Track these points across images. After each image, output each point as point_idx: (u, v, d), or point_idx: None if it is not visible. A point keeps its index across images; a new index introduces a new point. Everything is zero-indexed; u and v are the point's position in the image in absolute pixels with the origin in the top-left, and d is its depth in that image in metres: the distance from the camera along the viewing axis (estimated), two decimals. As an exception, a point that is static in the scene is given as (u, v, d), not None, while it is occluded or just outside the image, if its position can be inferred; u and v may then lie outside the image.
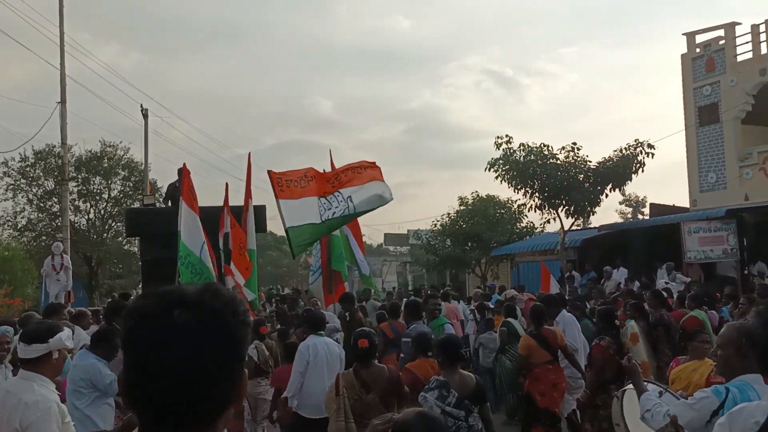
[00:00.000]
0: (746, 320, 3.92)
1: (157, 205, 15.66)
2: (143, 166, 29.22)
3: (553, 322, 7.98)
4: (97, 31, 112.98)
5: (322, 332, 6.54)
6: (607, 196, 19.41)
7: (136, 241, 21.36)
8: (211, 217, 11.07)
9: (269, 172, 9.42)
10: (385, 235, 50.42)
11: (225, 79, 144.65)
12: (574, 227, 21.49)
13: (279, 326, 10.26)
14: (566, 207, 19.75)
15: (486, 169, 19.93)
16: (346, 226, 11.11)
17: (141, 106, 27.00)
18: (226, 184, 11.22)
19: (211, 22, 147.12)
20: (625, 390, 4.23)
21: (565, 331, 7.87)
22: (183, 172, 10.92)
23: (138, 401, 1.24)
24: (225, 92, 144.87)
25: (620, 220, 38.38)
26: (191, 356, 1.21)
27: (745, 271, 16.61)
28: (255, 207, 12.62)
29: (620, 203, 52.17)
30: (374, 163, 10.35)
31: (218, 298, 1.27)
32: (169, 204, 13.79)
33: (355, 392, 5.04)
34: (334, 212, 9.61)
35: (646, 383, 3.92)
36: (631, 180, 19.37)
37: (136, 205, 28.06)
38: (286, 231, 9.29)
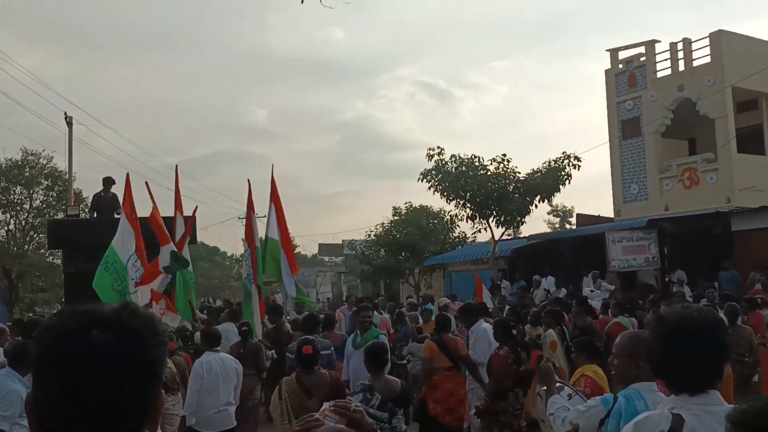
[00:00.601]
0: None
1: (82, 216, 15.15)
2: (67, 175, 28.19)
3: (467, 332, 8.08)
4: (22, 37, 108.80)
5: (218, 348, 6.78)
6: (536, 206, 19.98)
7: (59, 253, 20.55)
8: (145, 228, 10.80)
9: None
10: (320, 245, 50.25)
11: (156, 87, 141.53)
12: (504, 237, 21.94)
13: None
14: (497, 217, 20.20)
15: (419, 179, 20.20)
16: (281, 245, 11.17)
17: (65, 113, 26.08)
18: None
19: (142, 30, 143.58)
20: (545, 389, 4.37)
21: (475, 341, 7.84)
22: (126, 183, 10.73)
23: (48, 423, 1.20)
24: (156, 101, 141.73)
25: (548, 230, 39.41)
26: (109, 377, 1.18)
27: (666, 279, 17.32)
28: (185, 218, 12.38)
29: (548, 213, 53.63)
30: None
31: (137, 318, 1.25)
32: (95, 215, 13.36)
33: (297, 397, 5.18)
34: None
35: (560, 385, 4.07)
36: (559, 191, 20.01)
37: (60, 215, 27.04)
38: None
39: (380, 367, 5.18)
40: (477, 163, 19.97)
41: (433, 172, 19.90)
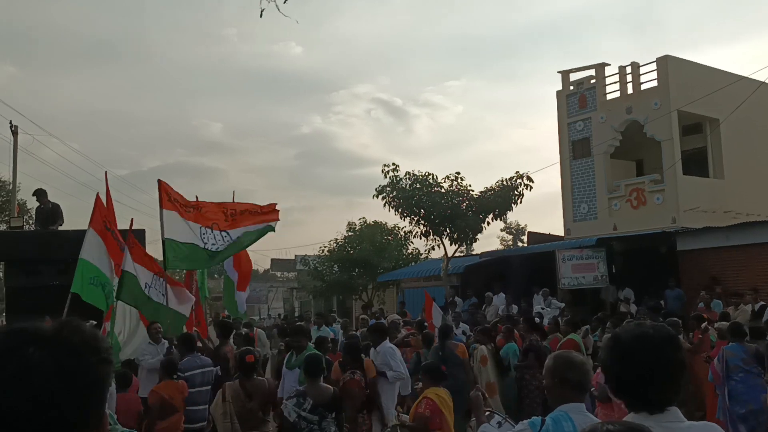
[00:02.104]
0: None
1: (26, 227, 14.64)
2: (11, 186, 27.30)
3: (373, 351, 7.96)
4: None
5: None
6: (488, 224, 20.18)
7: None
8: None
9: (159, 181, 9.38)
10: (272, 260, 49.71)
11: (104, 98, 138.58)
12: (457, 254, 22.10)
13: None
14: (450, 234, 20.34)
15: (374, 196, 20.24)
16: (233, 267, 11.23)
17: (10, 122, 25.33)
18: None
19: (90, 39, 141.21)
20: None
21: (387, 358, 7.69)
22: (95, 200, 10.34)
23: None
24: (104, 112, 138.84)
25: (501, 247, 39.97)
26: (46, 399, 1.09)
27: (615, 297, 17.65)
28: (134, 231, 12.11)
29: (501, 230, 54.38)
30: (275, 206, 10.43)
31: (77, 335, 1.17)
32: (37, 228, 12.96)
33: (240, 399, 5.89)
34: (218, 246, 9.73)
35: (489, 413, 4.11)
36: (511, 210, 20.28)
37: (2, 227, 26.17)
38: (164, 241, 9.12)
39: (315, 375, 5.74)
40: (431, 180, 20.11)
41: (388, 188, 19.96)
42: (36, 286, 11.17)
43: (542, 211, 73.45)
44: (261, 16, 6.10)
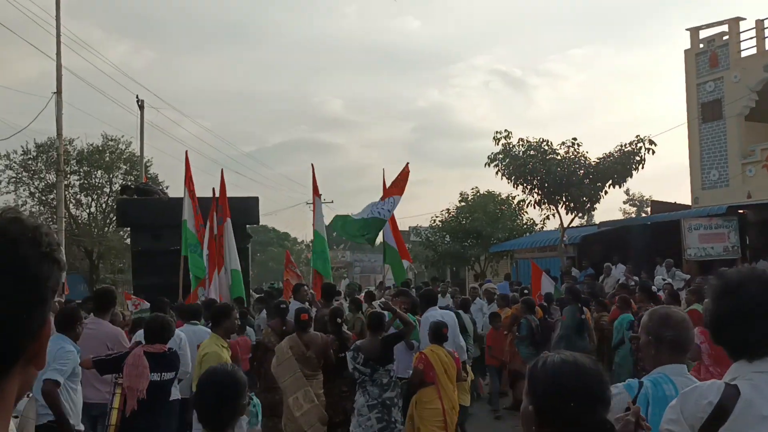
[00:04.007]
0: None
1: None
2: (141, 157, 29.18)
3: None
4: (112, 29, 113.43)
5: (196, 321, 7.50)
6: (606, 192, 19.22)
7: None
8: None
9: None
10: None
11: (233, 77, 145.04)
12: (574, 224, 21.31)
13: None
14: (566, 203, 19.57)
15: (486, 164, 19.79)
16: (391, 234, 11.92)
17: (137, 96, 26.95)
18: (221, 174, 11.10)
19: (218, 21, 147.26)
20: None
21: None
22: (185, 161, 11.06)
23: None
24: (233, 91, 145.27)
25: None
26: None
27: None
28: (248, 199, 12.57)
29: (624, 202, 52.00)
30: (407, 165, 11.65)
31: (16, 224, 1.02)
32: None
33: (300, 348, 6.84)
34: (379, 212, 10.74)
35: None
36: (631, 176, 19.17)
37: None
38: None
39: (373, 331, 6.58)
40: (546, 147, 19.37)
41: (500, 156, 19.45)
42: (159, 250, 11.87)
43: (667, 183, 69.55)
44: None
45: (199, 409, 2.87)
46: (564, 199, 19.46)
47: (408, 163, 11.70)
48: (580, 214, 21.20)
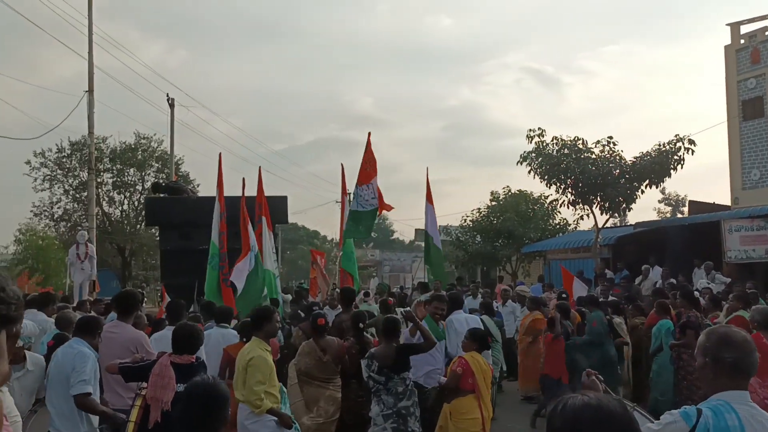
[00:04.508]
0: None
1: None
2: (175, 156, 29.38)
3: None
4: (148, 29, 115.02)
5: (226, 324, 7.43)
6: (643, 192, 18.70)
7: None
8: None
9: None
10: (416, 230, 50.02)
11: (264, 76, 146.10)
12: (608, 224, 20.81)
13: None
14: (601, 203, 19.11)
15: (518, 162, 19.41)
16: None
17: (167, 95, 27.10)
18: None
19: (250, 20, 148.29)
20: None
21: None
22: (218, 163, 11.01)
23: None
24: (264, 89, 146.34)
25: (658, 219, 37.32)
26: None
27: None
28: (277, 198, 12.44)
29: (659, 202, 50.95)
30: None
31: None
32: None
33: (317, 353, 6.87)
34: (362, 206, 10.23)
35: None
36: (669, 176, 18.63)
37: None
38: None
39: (387, 338, 6.26)
40: (580, 146, 18.92)
41: (533, 154, 19.06)
42: (187, 249, 11.79)
43: (704, 183, 68.03)
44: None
45: (183, 422, 2.92)
46: (599, 199, 19.01)
47: (369, 133, 11.51)
48: (615, 215, 20.69)
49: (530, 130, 19.11)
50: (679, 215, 42.83)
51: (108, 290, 18.80)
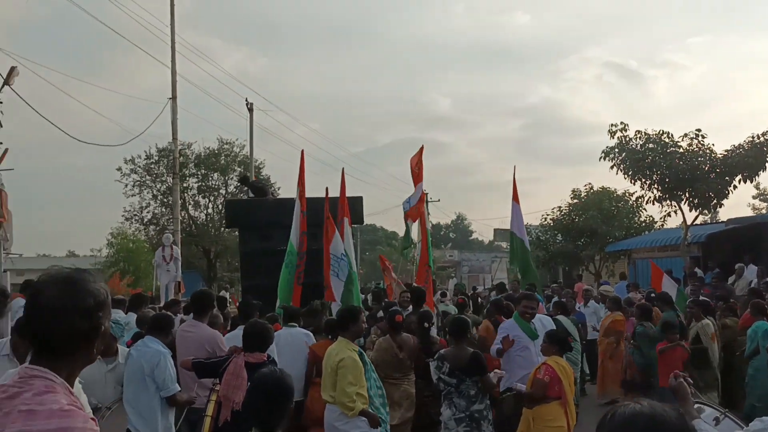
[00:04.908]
0: None
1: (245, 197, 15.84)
2: (256, 161, 30.09)
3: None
4: (230, 37, 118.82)
5: (294, 324, 7.38)
6: (735, 187, 17.74)
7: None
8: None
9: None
10: (495, 230, 49.33)
11: (341, 79, 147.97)
12: (698, 221, 19.86)
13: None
14: (689, 199, 18.25)
15: (600, 158, 18.80)
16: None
17: (246, 99, 27.74)
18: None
19: (328, 24, 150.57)
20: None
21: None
22: (301, 161, 11.14)
23: None
24: (342, 92, 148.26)
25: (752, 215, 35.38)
26: None
27: None
28: (353, 198, 12.49)
29: (754, 197, 48.33)
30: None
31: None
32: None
33: (393, 350, 6.83)
34: None
35: (701, 406, 3.19)
36: (764, 170, 17.61)
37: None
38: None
39: (458, 339, 6.18)
40: (666, 140, 18.14)
41: (616, 150, 18.41)
42: (267, 251, 11.93)
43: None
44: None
45: (250, 411, 3.14)
46: (687, 195, 18.17)
47: (422, 147, 11.93)
48: (705, 211, 19.72)
49: (612, 124, 18.51)
50: (777, 211, 40.48)
51: (193, 291, 19.38)
